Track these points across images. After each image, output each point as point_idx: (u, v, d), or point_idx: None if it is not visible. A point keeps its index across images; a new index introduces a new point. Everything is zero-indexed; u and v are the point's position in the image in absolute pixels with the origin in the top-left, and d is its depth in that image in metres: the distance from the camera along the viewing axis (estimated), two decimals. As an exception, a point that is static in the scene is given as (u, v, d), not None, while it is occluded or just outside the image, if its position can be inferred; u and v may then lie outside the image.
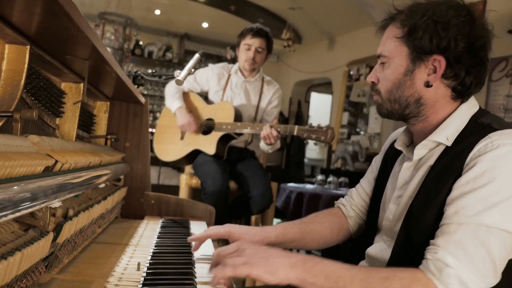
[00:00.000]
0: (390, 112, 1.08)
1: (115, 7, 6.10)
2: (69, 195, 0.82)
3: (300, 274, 0.87)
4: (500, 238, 0.84)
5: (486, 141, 0.91)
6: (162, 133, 3.00)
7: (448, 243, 0.85)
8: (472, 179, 0.88)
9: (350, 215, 1.32)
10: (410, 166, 1.09)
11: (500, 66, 4.26)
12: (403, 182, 1.10)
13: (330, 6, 5.54)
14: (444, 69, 0.99)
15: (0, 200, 0.53)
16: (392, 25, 1.06)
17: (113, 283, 0.87)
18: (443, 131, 1.01)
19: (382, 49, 1.07)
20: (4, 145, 0.62)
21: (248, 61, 2.83)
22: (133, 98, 1.60)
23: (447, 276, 0.81)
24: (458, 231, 0.85)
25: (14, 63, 0.81)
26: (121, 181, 1.65)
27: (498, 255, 0.83)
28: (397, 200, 1.10)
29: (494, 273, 0.84)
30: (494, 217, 0.84)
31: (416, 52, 1.00)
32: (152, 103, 7.08)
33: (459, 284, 0.81)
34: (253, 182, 2.72)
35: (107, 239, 1.27)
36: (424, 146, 1.04)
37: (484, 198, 0.85)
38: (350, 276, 0.85)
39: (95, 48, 0.89)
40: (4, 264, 0.56)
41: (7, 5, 0.65)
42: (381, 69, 1.08)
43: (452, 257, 0.83)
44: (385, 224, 1.14)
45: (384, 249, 1.10)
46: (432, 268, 0.83)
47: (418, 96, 1.03)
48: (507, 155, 0.87)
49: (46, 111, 1.05)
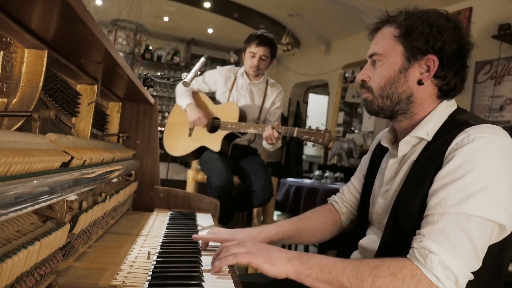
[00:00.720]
0: (381, 109, 1.07)
1: (127, 15, 6.09)
2: (84, 189, 0.82)
3: (297, 267, 0.88)
4: (479, 225, 0.84)
5: (463, 135, 0.91)
6: (172, 129, 3.00)
7: (432, 232, 0.85)
8: (451, 171, 0.88)
9: (342, 211, 1.33)
10: (395, 162, 1.09)
11: (485, 69, 4.25)
12: (389, 177, 1.10)
13: (327, 13, 5.52)
14: (436, 68, 1.00)
15: (21, 193, 0.53)
16: (388, 27, 1.06)
17: (125, 271, 0.87)
18: (423, 127, 1.02)
19: (376, 48, 1.06)
20: (24, 142, 0.63)
21: (253, 68, 2.82)
22: (143, 99, 1.60)
23: (431, 262, 0.82)
24: (441, 220, 0.85)
25: (33, 67, 0.81)
26: (132, 176, 1.66)
27: (478, 241, 0.84)
28: (385, 195, 1.10)
29: (475, 257, 0.84)
30: (473, 206, 0.84)
31: (412, 51, 1.00)
32: (161, 104, 7.07)
33: (443, 269, 0.81)
34: (255, 177, 2.72)
35: (120, 230, 1.27)
36: (407, 142, 1.05)
37: (463, 188, 0.86)
38: (342, 267, 0.86)
39: (108, 52, 0.89)
40: (24, 253, 0.57)
41: (26, 12, 0.66)
42: (373, 68, 1.07)
43: (436, 244, 0.83)
44: (375, 218, 1.14)
45: (375, 240, 1.11)
46: (417, 255, 0.84)
47: (410, 93, 1.03)
48: (482, 147, 0.88)
49: (63, 111, 1.05)
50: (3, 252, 0.54)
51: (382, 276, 0.83)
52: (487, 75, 4.24)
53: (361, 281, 0.84)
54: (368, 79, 1.08)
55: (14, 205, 0.51)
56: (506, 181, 0.87)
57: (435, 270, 0.81)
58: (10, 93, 0.78)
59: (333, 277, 0.86)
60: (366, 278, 0.83)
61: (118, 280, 0.81)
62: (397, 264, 0.84)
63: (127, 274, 0.86)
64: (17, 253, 0.55)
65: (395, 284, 0.82)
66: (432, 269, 0.81)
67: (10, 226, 0.62)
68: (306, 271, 0.88)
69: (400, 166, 1.07)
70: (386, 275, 0.83)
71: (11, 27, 0.69)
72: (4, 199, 0.49)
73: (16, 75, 0.80)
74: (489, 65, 4.22)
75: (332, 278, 0.86)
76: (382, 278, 0.82)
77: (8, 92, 0.78)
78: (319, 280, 0.87)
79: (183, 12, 6.18)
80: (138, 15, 6.04)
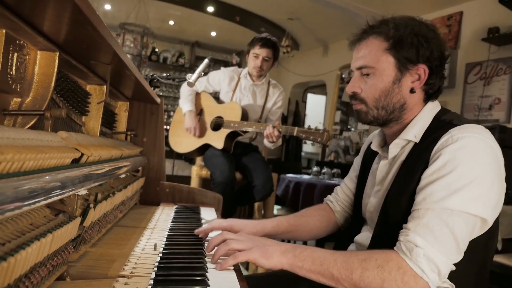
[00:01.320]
0: (376, 119, 1.06)
1: (134, 18, 6.09)
2: (94, 184, 0.82)
3: (290, 259, 0.89)
4: (462, 219, 0.85)
5: (447, 136, 0.92)
6: (177, 127, 3.00)
7: (417, 226, 0.86)
8: (437, 170, 0.89)
9: (336, 209, 1.34)
10: (386, 164, 1.09)
11: (475, 70, 4.24)
12: (380, 178, 1.10)
13: (324, 17, 5.51)
14: (427, 77, 1.00)
15: (34, 188, 0.53)
16: (374, 39, 1.03)
17: (132, 262, 0.88)
18: (411, 129, 1.02)
19: (366, 60, 1.03)
20: (37, 140, 0.63)
21: (256, 68, 2.83)
22: (150, 99, 1.60)
23: (416, 255, 0.83)
24: (426, 215, 0.86)
25: (45, 68, 0.81)
26: (139, 172, 1.66)
27: (460, 234, 0.84)
28: (376, 194, 1.11)
29: (457, 250, 0.85)
30: (456, 201, 0.85)
31: (403, 62, 0.99)
32: (167, 103, 7.07)
33: (427, 262, 0.82)
34: (256, 173, 2.72)
35: (127, 223, 1.27)
36: (397, 145, 1.05)
37: (447, 185, 0.86)
38: (333, 259, 0.87)
39: (116, 54, 0.89)
40: (38, 245, 0.57)
41: (39, 16, 0.66)
42: (362, 79, 1.05)
43: (420, 238, 0.84)
44: (368, 216, 1.15)
45: (369, 237, 1.11)
46: (403, 248, 0.85)
47: (403, 102, 1.03)
48: (465, 147, 0.88)
49: (74, 110, 1.05)
50: (17, 243, 0.55)
51: (370, 268, 0.84)
52: (476, 76, 4.23)
53: (351, 272, 0.85)
54: (360, 91, 1.05)
55: (28, 199, 0.51)
56: (488, 177, 0.87)
57: (419, 262, 0.82)
58: (23, 93, 0.78)
59: (324, 269, 0.87)
60: (355, 270, 0.85)
61: (126, 270, 0.82)
62: (384, 256, 0.85)
63: (134, 264, 0.86)
64: (31, 245, 0.55)
65: (382, 275, 0.83)
66: (417, 261, 0.83)
67: (24, 219, 0.62)
68: (299, 263, 0.89)
69: (390, 167, 1.07)
70: (374, 267, 0.84)
71: (25, 30, 0.69)
72: (18, 194, 0.49)
73: (29, 76, 0.80)
74: (478, 67, 4.21)
75: (323, 270, 0.87)
76: (370, 270, 0.84)
77: (22, 92, 0.78)
78: (311, 271, 0.88)
79: (188, 16, 6.18)
80: (145, 19, 6.04)
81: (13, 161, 0.52)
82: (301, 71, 7.29)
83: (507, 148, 2.69)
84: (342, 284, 0.86)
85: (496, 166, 0.90)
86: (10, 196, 0.47)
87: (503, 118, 3.96)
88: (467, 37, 4.34)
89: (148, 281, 0.75)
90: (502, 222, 2.60)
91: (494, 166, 0.90)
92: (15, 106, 0.77)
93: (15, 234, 0.57)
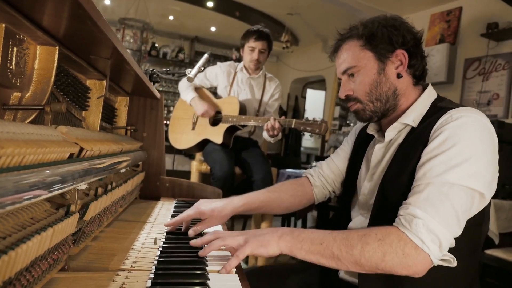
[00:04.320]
0: (374, 112, 1.07)
1: (134, 14, 6.06)
2: (94, 179, 0.82)
3: (289, 242, 0.89)
4: (462, 192, 0.85)
5: (446, 115, 0.94)
6: (176, 124, 3.00)
7: (417, 200, 0.86)
8: (437, 146, 0.90)
9: (316, 184, 1.32)
10: (381, 147, 1.11)
11: (474, 66, 4.23)
12: (376, 161, 1.11)
13: (324, 12, 5.49)
14: (408, 59, 1.04)
15: (35, 182, 0.53)
16: (348, 42, 1.08)
17: (133, 255, 0.88)
18: (410, 114, 1.05)
19: (348, 62, 1.07)
20: (37, 134, 0.62)
21: (253, 61, 2.84)
22: (150, 94, 1.60)
23: (416, 226, 0.83)
24: (426, 189, 0.86)
25: (45, 62, 0.81)
26: (139, 167, 1.66)
27: (460, 207, 0.85)
28: (371, 177, 1.11)
29: (457, 223, 0.85)
30: (456, 175, 0.86)
31: (381, 52, 1.04)
32: (167, 98, 7.06)
33: (428, 232, 0.82)
34: (256, 168, 2.72)
35: (128, 217, 1.27)
36: (394, 128, 1.07)
37: (447, 160, 0.87)
38: (332, 237, 0.87)
39: (116, 49, 0.89)
40: (38, 238, 0.57)
41: (38, 10, 0.65)
42: (351, 81, 1.08)
43: (420, 210, 0.84)
44: (361, 199, 1.14)
45: (363, 221, 1.11)
46: (403, 221, 0.85)
47: (394, 88, 1.06)
48: (465, 124, 0.90)
49: (73, 105, 1.05)
50: (18, 237, 0.55)
51: (370, 242, 0.83)
52: (475, 71, 4.22)
53: (351, 248, 0.84)
54: (352, 93, 1.09)
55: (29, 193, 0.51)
56: (485, 154, 0.89)
57: (420, 233, 0.82)
58: (23, 87, 0.78)
59: (324, 248, 0.86)
60: (355, 245, 0.84)
61: (127, 264, 0.82)
62: (384, 230, 0.85)
63: (135, 258, 0.86)
64: (31, 239, 0.55)
65: (383, 248, 0.83)
66: (417, 232, 0.82)
67: (24, 213, 0.62)
68: (298, 244, 0.88)
69: (386, 150, 1.09)
70: (375, 241, 0.83)
71: (24, 24, 0.68)
72: (19, 188, 0.49)
73: (29, 70, 0.79)
74: (477, 62, 4.20)
75: (323, 249, 0.86)
76: (371, 244, 0.83)
77: (22, 87, 0.78)
78: (310, 252, 0.87)
79: (187, 11, 6.15)
80: (144, 14, 6.01)
81: (13, 156, 0.51)
82: (301, 66, 7.27)
83: (505, 143, 2.71)
84: (343, 262, 0.85)
85: (492, 146, 0.92)
86: (10, 190, 0.47)
87: (501, 114, 3.96)
88: (466, 32, 4.32)
89: (149, 275, 0.75)
90: (499, 217, 2.62)
91: (491, 146, 0.92)
92: (15, 101, 0.77)
93: (15, 228, 0.57)
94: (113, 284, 0.70)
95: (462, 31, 4.37)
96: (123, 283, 0.71)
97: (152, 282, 0.72)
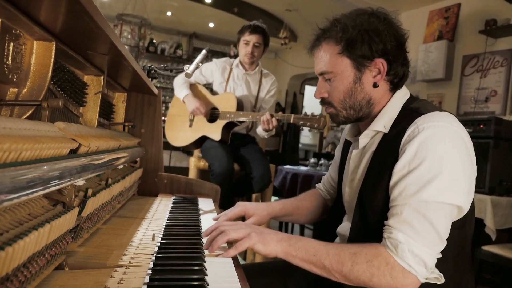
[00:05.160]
0: (347, 118, 1.07)
1: (132, 9, 6.04)
2: (91, 175, 0.82)
3: (285, 248, 0.92)
4: (439, 209, 0.86)
5: (413, 127, 0.92)
6: (173, 121, 3.00)
7: (398, 222, 0.87)
8: (407, 163, 0.89)
9: (327, 198, 1.39)
10: (357, 153, 1.10)
11: (472, 63, 4.23)
12: (353, 167, 1.11)
13: (323, 8, 5.48)
14: (386, 69, 1.00)
15: (32, 178, 0.53)
16: (326, 43, 1.03)
17: (131, 251, 0.88)
18: (380, 120, 1.03)
19: (324, 66, 1.04)
20: (34, 130, 0.62)
21: (248, 55, 2.83)
22: (148, 90, 1.59)
23: (401, 251, 0.85)
24: (404, 211, 0.87)
25: (42, 58, 0.80)
26: (137, 163, 1.66)
27: (439, 224, 0.86)
28: (351, 184, 1.12)
29: (439, 240, 0.86)
30: (430, 193, 0.86)
31: (359, 61, 1.00)
32: (164, 95, 7.04)
33: (412, 256, 0.84)
34: (254, 164, 2.72)
35: (126, 214, 1.27)
36: (366, 135, 1.06)
37: (419, 177, 0.87)
38: (325, 251, 0.90)
39: (113, 44, 0.88)
40: (36, 234, 0.57)
41: (35, 5, 0.65)
42: (327, 84, 1.06)
43: (402, 234, 0.86)
44: (346, 205, 1.17)
45: (349, 227, 1.11)
46: (389, 245, 0.87)
47: (369, 98, 1.03)
48: (431, 136, 0.89)
49: (71, 101, 1.04)
50: (15, 233, 0.54)
51: (360, 262, 0.86)
52: (473, 68, 4.22)
53: (341, 265, 0.87)
54: (327, 95, 1.07)
55: (26, 189, 0.51)
56: (456, 164, 0.88)
57: (406, 258, 0.84)
58: (20, 83, 0.78)
59: (316, 259, 0.89)
60: (346, 263, 0.87)
61: (125, 260, 0.82)
62: (373, 251, 0.87)
63: (133, 254, 0.86)
64: (29, 235, 0.55)
65: (371, 270, 0.85)
66: (404, 257, 0.84)
67: (22, 209, 0.62)
68: (294, 252, 0.91)
69: (362, 157, 1.08)
70: (364, 262, 0.86)
71: (21, 19, 0.68)
72: (16, 183, 0.49)
73: (26, 66, 0.79)
74: (475, 59, 4.20)
75: (316, 260, 0.90)
76: (360, 264, 0.86)
77: (19, 82, 0.77)
78: (304, 261, 0.91)
79: (186, 7, 6.13)
80: (142, 10, 5.99)
81: (10, 151, 0.51)
82: (299, 62, 7.26)
83: (502, 140, 2.71)
84: (333, 275, 0.89)
85: (464, 151, 0.90)
86: (8, 186, 0.46)
87: (499, 110, 3.96)
88: (465, 29, 4.32)
89: (147, 271, 0.75)
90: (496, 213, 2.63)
91: (462, 151, 0.90)
92: (12, 96, 0.76)
93: (13, 224, 0.57)
94: (111, 280, 0.70)
95: (460, 28, 4.36)
96: (121, 279, 0.71)
97: (150, 277, 0.72)
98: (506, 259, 2.29)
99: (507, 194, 2.69)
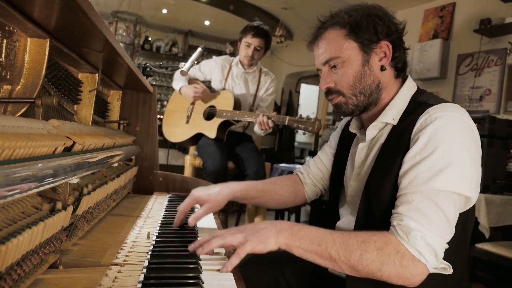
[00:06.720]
0: (357, 106, 1.05)
1: (127, 7, 6.01)
2: (86, 173, 0.81)
3: (287, 238, 0.87)
4: (450, 198, 0.86)
5: (425, 116, 0.92)
6: (170, 117, 3.00)
7: (409, 210, 0.86)
8: (419, 151, 0.89)
9: (306, 182, 1.32)
10: (364, 146, 1.09)
11: (467, 61, 4.25)
12: (360, 161, 1.10)
13: (319, 6, 5.47)
14: (392, 51, 1.01)
15: (26, 175, 0.52)
16: (332, 30, 1.03)
17: (126, 250, 0.88)
18: (389, 112, 1.03)
19: (331, 53, 1.03)
20: (28, 127, 0.62)
21: (247, 57, 2.83)
22: (143, 88, 1.59)
23: (413, 238, 0.83)
24: (415, 199, 0.86)
25: (35, 55, 0.80)
26: (132, 161, 1.65)
27: (450, 213, 0.85)
28: (357, 178, 1.10)
29: (449, 229, 0.86)
30: (442, 182, 0.85)
31: (366, 43, 1.00)
32: (160, 93, 7.03)
33: (425, 244, 0.83)
34: (249, 162, 2.72)
35: (121, 212, 1.27)
36: (374, 127, 1.05)
37: (431, 166, 0.87)
38: (331, 239, 0.86)
39: (108, 42, 0.88)
40: (29, 233, 0.56)
41: (28, 2, 0.64)
42: (333, 73, 1.04)
43: (414, 221, 0.84)
44: (349, 200, 1.14)
45: (352, 221, 1.09)
46: (400, 232, 0.85)
47: (378, 81, 1.03)
48: (444, 125, 0.89)
49: (65, 98, 1.04)
50: (9, 231, 0.54)
51: (369, 250, 0.83)
52: (468, 67, 4.24)
53: (350, 254, 0.84)
54: (333, 84, 1.05)
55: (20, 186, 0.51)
56: (467, 155, 0.88)
57: (417, 245, 0.83)
58: (13, 80, 0.77)
59: (322, 249, 0.85)
60: (354, 252, 0.83)
61: (120, 258, 0.82)
62: (383, 238, 0.85)
63: (128, 253, 0.86)
64: (22, 233, 0.54)
65: (382, 258, 0.83)
66: (415, 244, 0.83)
67: (15, 208, 0.61)
68: (297, 242, 0.87)
69: (369, 150, 1.07)
70: (374, 250, 0.83)
71: (14, 16, 0.67)
72: (9, 181, 0.48)
73: (19, 63, 0.78)
74: (470, 58, 4.22)
75: (321, 250, 0.85)
76: (370, 253, 0.83)
77: (12, 80, 0.77)
78: (308, 251, 0.86)
79: (181, 4, 6.11)
80: (137, 7, 5.96)
81: (3, 149, 0.51)
82: (295, 61, 7.26)
83: (496, 139, 2.73)
84: (339, 265, 0.85)
85: (474, 143, 0.91)
86: (1, 184, 0.46)
87: (493, 109, 3.99)
88: (459, 28, 4.34)
89: (141, 269, 0.75)
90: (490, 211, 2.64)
91: (473, 144, 0.90)
92: (5, 94, 0.76)
93: (6, 223, 0.57)
94: (106, 278, 0.70)
95: (455, 27, 4.38)
96: (116, 277, 0.71)
97: (145, 276, 0.71)
98: (500, 256, 2.30)
99: (501, 192, 2.71)
